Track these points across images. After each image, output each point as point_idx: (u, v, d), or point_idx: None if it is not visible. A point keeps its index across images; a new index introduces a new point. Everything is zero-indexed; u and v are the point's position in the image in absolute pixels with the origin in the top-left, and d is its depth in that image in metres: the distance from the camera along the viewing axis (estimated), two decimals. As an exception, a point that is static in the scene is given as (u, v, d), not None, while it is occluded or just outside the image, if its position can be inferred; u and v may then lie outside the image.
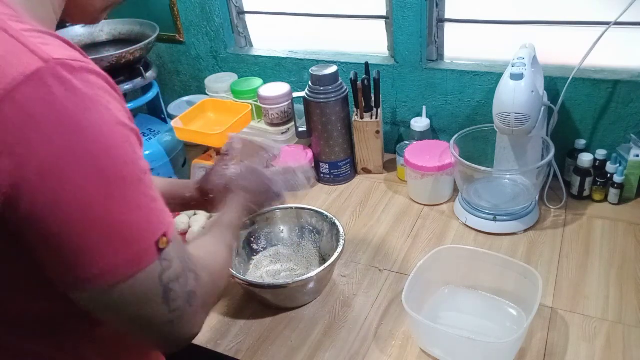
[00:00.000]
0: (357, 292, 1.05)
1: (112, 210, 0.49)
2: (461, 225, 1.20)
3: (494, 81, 1.26)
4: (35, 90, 0.45)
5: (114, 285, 0.50)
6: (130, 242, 0.50)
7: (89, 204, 0.48)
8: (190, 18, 1.58)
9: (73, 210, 0.47)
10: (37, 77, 0.45)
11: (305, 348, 0.95)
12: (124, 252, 0.50)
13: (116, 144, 0.49)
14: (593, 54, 1.11)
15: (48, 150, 0.45)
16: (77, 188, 0.47)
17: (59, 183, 0.46)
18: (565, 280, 1.03)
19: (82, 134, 0.47)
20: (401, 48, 1.34)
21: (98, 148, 0.48)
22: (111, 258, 0.49)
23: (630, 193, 1.20)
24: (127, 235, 0.50)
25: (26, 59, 0.46)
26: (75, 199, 0.47)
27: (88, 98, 0.48)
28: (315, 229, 1.14)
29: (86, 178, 0.47)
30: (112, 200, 0.49)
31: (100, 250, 0.49)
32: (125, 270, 0.50)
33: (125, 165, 0.50)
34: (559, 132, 1.23)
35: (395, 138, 1.48)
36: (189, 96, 1.65)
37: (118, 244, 0.49)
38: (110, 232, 0.49)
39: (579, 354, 0.88)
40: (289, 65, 1.51)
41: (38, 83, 0.45)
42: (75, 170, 0.47)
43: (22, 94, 0.45)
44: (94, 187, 0.48)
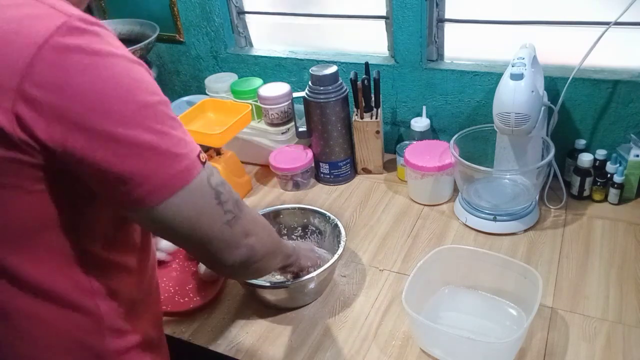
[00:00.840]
0: (357, 292, 1.05)
1: (155, 130, 0.56)
2: (461, 225, 1.20)
3: (494, 81, 1.26)
4: (66, 37, 0.52)
5: (175, 193, 0.58)
6: (177, 156, 0.58)
7: (133, 126, 0.55)
8: (190, 18, 1.58)
9: (121, 133, 0.54)
10: (66, 27, 0.53)
11: (305, 348, 0.95)
12: (174, 166, 0.57)
13: (142, 76, 0.57)
14: (593, 54, 1.11)
15: (87, 81, 0.53)
16: (120, 112, 0.54)
17: (103, 109, 0.53)
18: (565, 280, 1.03)
19: (113, 68, 0.54)
20: (401, 48, 1.34)
21: (128, 79, 0.55)
22: (165, 172, 0.57)
23: (630, 193, 1.20)
24: (172, 150, 0.57)
25: (53, 14, 0.53)
26: (120, 122, 0.54)
27: (107, 41, 0.55)
28: (318, 229, 1.14)
29: (126, 103, 0.54)
30: (152, 122, 0.56)
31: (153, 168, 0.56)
32: (181, 179, 0.58)
33: (153, 95, 0.58)
34: (559, 132, 1.23)
35: (395, 138, 1.48)
36: (189, 96, 1.65)
37: (168, 159, 0.57)
38: (158, 149, 0.56)
39: (579, 354, 0.88)
40: (289, 65, 1.51)
41: (67, 31, 0.52)
42: (115, 98, 0.54)
43: (57, 40, 0.52)
44: (134, 111, 0.55)
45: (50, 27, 0.52)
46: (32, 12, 0.54)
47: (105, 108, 0.53)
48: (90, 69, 0.53)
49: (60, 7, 0.55)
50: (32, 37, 0.52)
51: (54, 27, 0.52)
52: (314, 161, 1.40)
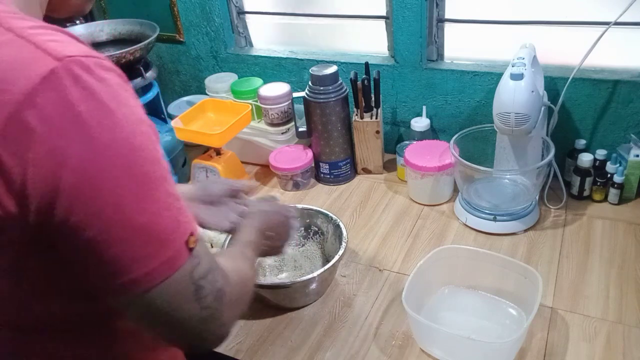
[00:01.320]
0: (357, 292, 1.05)
1: (146, 212, 0.48)
2: (461, 225, 1.20)
3: (494, 81, 1.26)
4: (54, 94, 0.44)
5: (152, 288, 0.50)
6: (165, 244, 0.50)
7: (124, 207, 0.47)
8: (190, 18, 1.58)
9: (108, 215, 0.47)
10: (53, 78, 0.44)
11: (305, 348, 0.95)
12: (160, 254, 0.50)
13: (142, 143, 0.48)
14: (593, 54, 1.11)
15: (75, 155, 0.44)
16: (111, 192, 0.46)
17: (92, 189, 0.46)
18: (565, 280, 1.03)
19: (107, 136, 0.46)
20: (401, 48, 1.34)
21: (126, 150, 0.47)
22: (150, 262, 0.49)
23: (630, 193, 1.20)
24: (162, 237, 0.50)
25: (39, 58, 0.44)
26: (109, 203, 0.47)
27: (106, 97, 0.46)
28: (320, 229, 1.14)
29: (118, 181, 0.47)
30: (145, 201, 0.48)
31: (137, 255, 0.49)
32: (162, 272, 0.50)
33: (152, 165, 0.49)
34: (559, 132, 1.23)
35: (395, 138, 1.48)
36: (189, 96, 1.65)
37: (154, 247, 0.49)
38: (145, 234, 0.49)
39: (579, 354, 0.88)
40: (289, 65, 1.51)
41: (54, 84, 0.44)
42: (107, 175, 0.46)
43: (42, 98, 0.43)
44: (127, 190, 0.47)
45: (33, 78, 0.43)
46: (15, 57, 0.44)
47: (91, 185, 0.46)
48: (78, 143, 0.44)
49: (49, 47, 0.45)
50: (12, 92, 0.43)
51: (39, 78, 0.43)
52: (314, 161, 1.40)
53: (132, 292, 0.50)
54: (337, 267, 1.07)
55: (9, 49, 0.45)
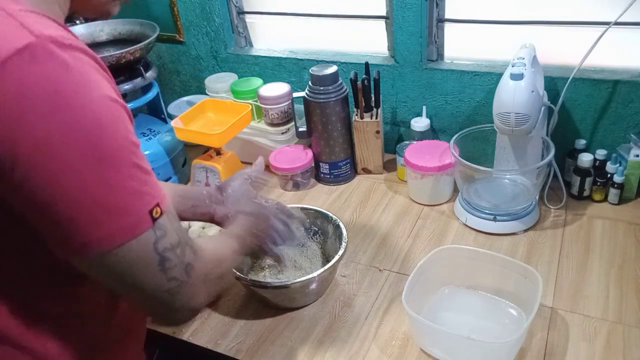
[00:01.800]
0: (357, 292, 1.05)
1: (105, 182, 0.51)
2: (461, 225, 1.20)
3: (494, 81, 1.26)
4: (26, 64, 0.46)
5: (110, 251, 0.53)
6: (123, 211, 0.53)
7: (83, 176, 0.50)
8: (190, 18, 1.58)
9: (67, 183, 0.49)
10: (28, 51, 0.46)
11: (305, 348, 0.95)
12: (117, 220, 0.52)
13: (107, 119, 0.51)
14: (593, 54, 1.11)
15: (42, 125, 0.47)
16: (71, 161, 0.49)
17: (53, 157, 0.48)
18: (565, 280, 1.03)
19: (75, 110, 0.48)
20: (401, 48, 1.34)
21: (90, 123, 0.50)
22: (105, 226, 0.52)
23: (630, 193, 1.20)
24: (120, 205, 0.52)
25: (18, 33, 0.47)
26: (69, 172, 0.49)
27: (79, 74, 0.49)
28: (320, 229, 1.14)
29: (79, 152, 0.49)
30: (105, 172, 0.51)
31: (94, 220, 0.51)
32: (119, 237, 0.53)
33: (116, 140, 0.52)
34: (559, 132, 1.23)
35: (395, 138, 1.48)
36: (189, 96, 1.65)
37: (112, 214, 0.52)
38: (103, 202, 0.51)
39: (579, 354, 0.88)
40: (289, 65, 1.51)
41: (29, 57, 0.46)
42: (69, 145, 0.49)
43: (14, 66, 0.46)
44: (87, 161, 0.50)
45: (8, 50, 0.46)
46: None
47: (52, 158, 0.48)
48: (44, 114, 0.47)
49: (31, 26, 0.48)
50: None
51: (13, 50, 0.46)
52: (314, 161, 1.40)
53: (87, 255, 0.53)
54: (337, 267, 1.07)
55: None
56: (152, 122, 1.45)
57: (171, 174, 1.41)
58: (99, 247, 0.52)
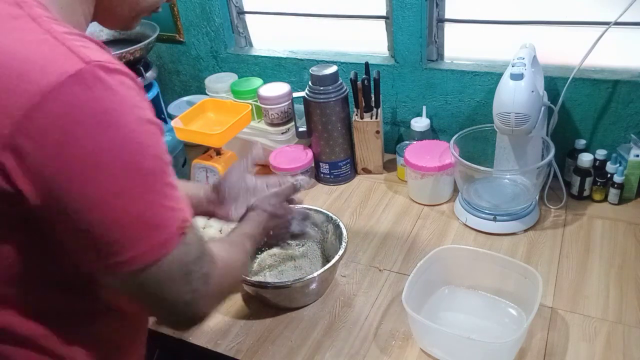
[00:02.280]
0: (357, 292, 1.05)
1: (143, 200, 0.53)
2: (461, 225, 1.20)
3: (494, 81, 1.26)
4: (78, 89, 0.49)
5: (144, 268, 0.55)
6: (160, 228, 0.55)
7: (127, 194, 0.52)
8: (190, 18, 1.58)
9: (110, 201, 0.52)
10: (79, 76, 0.49)
11: (305, 348, 0.95)
12: (154, 238, 0.54)
13: (148, 139, 0.54)
14: (593, 54, 1.11)
15: (91, 144, 0.50)
16: (115, 180, 0.51)
17: (97, 176, 0.50)
18: (565, 280, 1.03)
19: (120, 130, 0.51)
20: (401, 48, 1.34)
21: (134, 143, 0.52)
22: (143, 244, 0.54)
23: (630, 193, 1.20)
24: (157, 222, 0.55)
25: (69, 60, 0.50)
26: (113, 190, 0.51)
27: (122, 98, 0.52)
28: (320, 230, 1.14)
29: (124, 169, 0.52)
30: (146, 190, 0.54)
31: (133, 238, 0.53)
32: (155, 254, 0.55)
33: (155, 159, 0.55)
34: (559, 132, 1.23)
35: (395, 138, 1.48)
36: (189, 96, 1.65)
37: (149, 231, 0.54)
38: (142, 220, 0.53)
39: (579, 354, 0.88)
40: (289, 65, 1.51)
41: (80, 82, 0.49)
42: (115, 163, 0.51)
43: (66, 91, 0.48)
44: (131, 178, 0.52)
45: (61, 75, 0.48)
46: (42, 51, 0.50)
47: (99, 177, 0.50)
48: (94, 135, 0.50)
49: (80, 51, 0.50)
50: (37, 83, 0.48)
51: (66, 75, 0.48)
52: (314, 161, 1.40)
53: (123, 272, 0.54)
54: (337, 267, 1.07)
55: (44, 47, 0.50)
56: (152, 122, 1.45)
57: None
58: (135, 263, 0.54)
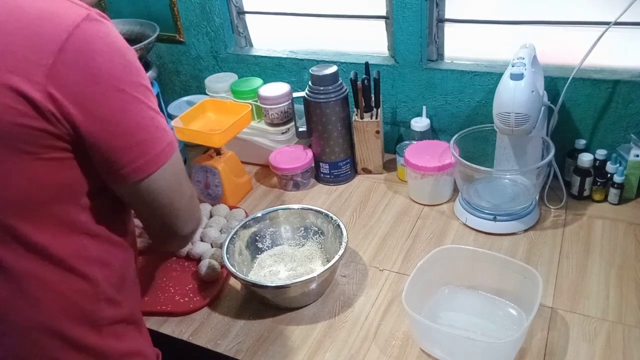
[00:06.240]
0: (357, 292, 1.05)
1: (151, 111, 0.66)
2: (461, 225, 1.20)
3: (494, 81, 1.26)
4: (92, 25, 0.62)
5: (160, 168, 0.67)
6: (157, 139, 0.67)
7: (140, 108, 0.65)
8: (190, 18, 1.58)
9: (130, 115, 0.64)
10: (89, 18, 0.62)
11: (305, 348, 0.95)
12: (156, 146, 0.66)
13: (138, 64, 0.66)
14: (593, 54, 1.11)
15: (108, 66, 0.62)
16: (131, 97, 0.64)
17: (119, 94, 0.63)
18: (565, 280, 1.03)
19: (125, 55, 0.64)
20: (401, 48, 1.34)
21: (135, 65, 0.65)
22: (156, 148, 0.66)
23: (630, 193, 1.20)
24: (155, 135, 0.67)
25: (77, 7, 0.62)
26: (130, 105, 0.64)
27: (115, 33, 0.65)
28: (320, 230, 1.14)
29: (136, 89, 0.64)
30: (150, 104, 0.66)
31: (148, 145, 0.66)
32: (165, 155, 0.67)
33: (146, 79, 0.67)
34: (559, 132, 1.23)
35: (395, 138, 1.48)
36: (189, 96, 1.65)
37: (150, 142, 0.66)
38: (144, 132, 0.65)
39: (579, 354, 0.88)
40: (289, 65, 1.51)
41: (91, 21, 0.62)
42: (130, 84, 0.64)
43: (84, 27, 0.61)
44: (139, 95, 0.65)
45: (77, 17, 0.61)
46: (58, 4, 0.62)
47: (119, 89, 0.63)
48: (110, 58, 0.62)
49: (81, 4, 0.64)
50: (62, 24, 0.60)
51: (80, 18, 0.61)
52: (314, 161, 1.40)
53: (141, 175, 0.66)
54: (337, 267, 1.07)
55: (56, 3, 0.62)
56: (152, 122, 1.45)
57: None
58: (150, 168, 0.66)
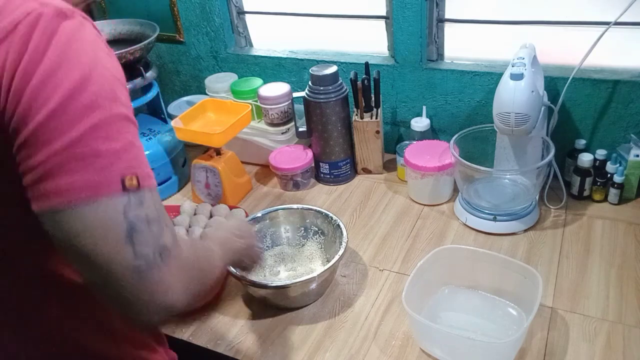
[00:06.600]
0: (357, 292, 1.05)
1: (88, 134, 0.51)
2: (461, 225, 1.20)
3: (494, 81, 1.26)
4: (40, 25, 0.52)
5: (75, 205, 0.51)
6: (96, 167, 0.51)
7: (70, 119, 0.51)
8: (190, 18, 1.58)
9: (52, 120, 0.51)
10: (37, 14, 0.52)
11: (305, 348, 0.95)
12: (87, 174, 0.51)
13: (110, 82, 0.54)
14: (593, 54, 1.11)
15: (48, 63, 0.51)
16: (64, 100, 0.51)
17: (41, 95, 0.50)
18: (565, 280, 1.03)
19: (80, 60, 0.52)
20: (401, 48, 1.34)
21: (94, 76, 0.53)
22: (75, 176, 0.51)
23: (630, 193, 1.20)
24: (91, 160, 0.51)
25: (28, 2, 0.53)
26: (58, 111, 0.51)
27: (84, 36, 0.54)
28: (320, 230, 1.14)
29: (68, 98, 0.51)
30: (91, 126, 0.52)
31: (66, 167, 0.51)
32: (85, 192, 0.51)
33: (112, 102, 0.53)
34: (559, 132, 1.23)
35: (395, 138, 1.48)
36: (189, 96, 1.65)
37: (84, 165, 0.51)
38: (79, 152, 0.51)
39: (579, 354, 0.88)
40: (289, 65, 1.51)
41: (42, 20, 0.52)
42: (60, 88, 0.51)
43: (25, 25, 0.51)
44: (79, 107, 0.51)
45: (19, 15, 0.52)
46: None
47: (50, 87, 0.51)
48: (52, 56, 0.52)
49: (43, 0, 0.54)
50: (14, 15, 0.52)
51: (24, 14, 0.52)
52: (314, 161, 1.40)
53: (56, 203, 0.51)
54: (337, 267, 1.07)
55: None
56: (152, 122, 1.45)
57: (171, 174, 1.41)
58: (64, 197, 0.51)
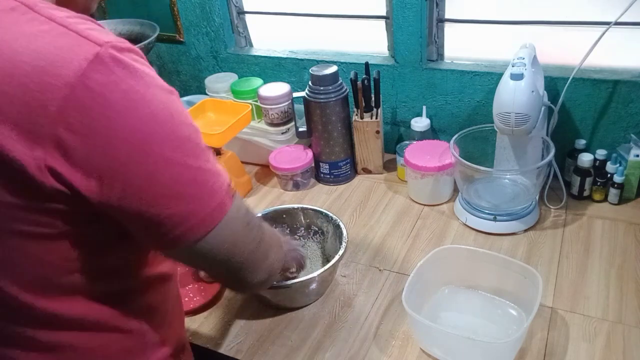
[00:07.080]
0: (357, 292, 1.05)
1: (192, 167, 0.55)
2: (461, 225, 1.20)
3: (494, 81, 1.26)
4: (100, 73, 0.49)
5: (212, 229, 0.58)
6: (212, 192, 0.57)
7: (173, 166, 0.54)
8: (190, 18, 1.58)
9: (160, 175, 0.53)
10: (99, 60, 0.49)
11: (305, 348, 0.95)
12: (210, 202, 0.57)
13: (176, 109, 0.55)
14: (593, 54, 1.11)
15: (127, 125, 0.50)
16: (160, 155, 0.52)
17: (143, 155, 0.51)
18: (565, 280, 1.03)
19: (151, 108, 0.52)
20: (401, 48, 1.34)
21: (164, 113, 0.53)
22: (204, 210, 0.57)
23: (630, 193, 1.19)
24: (208, 187, 0.57)
25: (83, 45, 0.49)
26: (160, 166, 0.53)
27: (142, 74, 0.52)
28: (320, 229, 1.14)
29: (165, 144, 0.53)
30: (190, 159, 0.55)
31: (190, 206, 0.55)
32: (217, 215, 0.58)
33: (187, 126, 0.56)
34: (559, 132, 1.23)
35: (395, 138, 1.48)
36: (189, 96, 1.65)
37: (204, 196, 0.56)
38: (195, 187, 0.56)
39: (579, 354, 0.88)
40: (289, 65, 1.51)
41: (101, 65, 0.49)
42: (153, 139, 0.52)
43: (92, 79, 0.48)
44: (173, 152, 0.53)
45: (81, 62, 0.48)
46: (60, 43, 0.49)
47: (145, 151, 0.51)
48: (128, 110, 0.50)
49: (89, 34, 0.50)
50: (60, 75, 0.47)
51: (86, 62, 0.48)
52: (314, 161, 1.40)
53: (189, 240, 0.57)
54: (337, 267, 1.07)
55: (53, 37, 0.49)
56: (152, 122, 1.45)
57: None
58: (200, 232, 0.57)
